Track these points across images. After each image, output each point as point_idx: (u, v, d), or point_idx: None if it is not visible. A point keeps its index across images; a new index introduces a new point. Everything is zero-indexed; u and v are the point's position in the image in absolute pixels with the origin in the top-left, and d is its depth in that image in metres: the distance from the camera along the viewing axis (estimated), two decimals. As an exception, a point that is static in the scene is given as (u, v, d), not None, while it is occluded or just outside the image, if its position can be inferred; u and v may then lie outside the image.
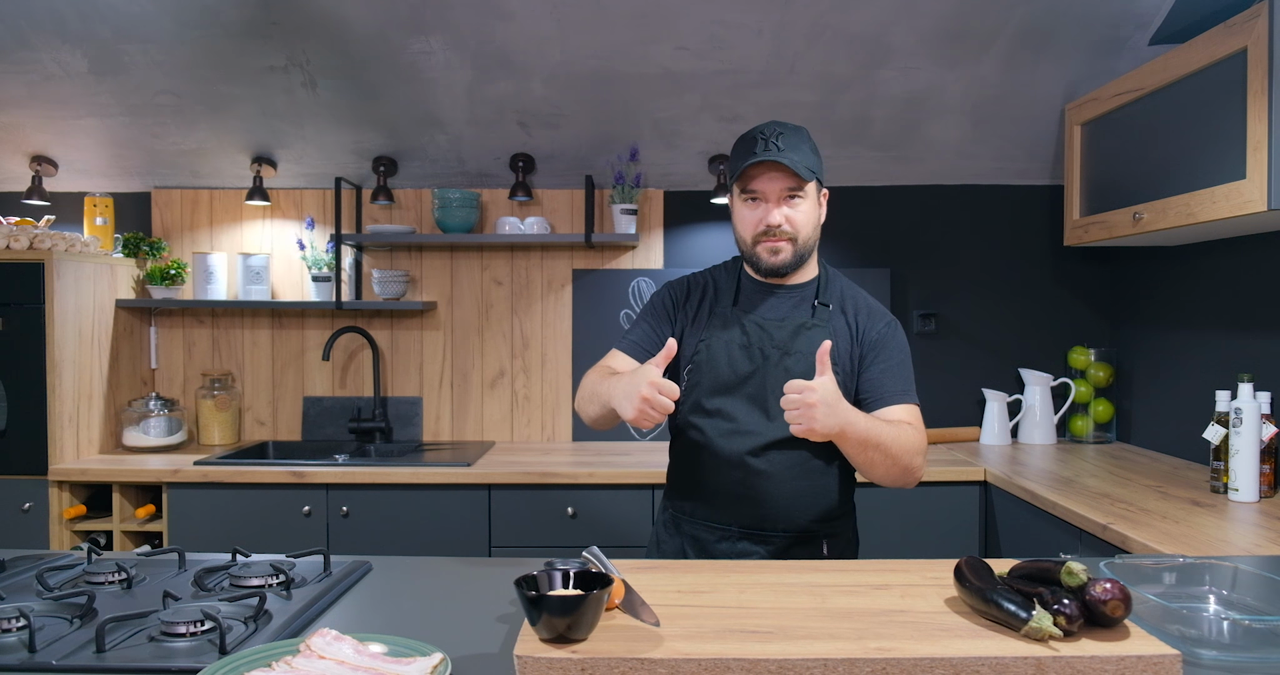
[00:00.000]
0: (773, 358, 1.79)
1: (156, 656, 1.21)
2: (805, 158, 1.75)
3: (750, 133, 1.78)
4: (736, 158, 1.78)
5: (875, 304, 1.89)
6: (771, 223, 1.76)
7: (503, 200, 3.53)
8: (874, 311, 1.86)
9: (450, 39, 2.89)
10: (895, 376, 1.79)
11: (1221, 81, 2.26)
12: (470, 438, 3.57)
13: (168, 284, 3.38)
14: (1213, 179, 2.28)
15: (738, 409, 1.80)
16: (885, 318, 1.86)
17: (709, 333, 1.84)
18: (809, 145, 1.78)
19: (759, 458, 1.78)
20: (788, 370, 1.77)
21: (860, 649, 1.14)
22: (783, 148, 1.72)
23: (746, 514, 1.80)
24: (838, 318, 1.84)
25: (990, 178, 3.49)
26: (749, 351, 1.80)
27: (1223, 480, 2.38)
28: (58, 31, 2.86)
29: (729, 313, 1.85)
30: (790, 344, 1.79)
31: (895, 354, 1.81)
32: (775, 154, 1.71)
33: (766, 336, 1.80)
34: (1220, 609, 1.36)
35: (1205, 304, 2.89)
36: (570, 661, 1.11)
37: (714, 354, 1.82)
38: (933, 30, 2.86)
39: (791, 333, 1.80)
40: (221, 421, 3.45)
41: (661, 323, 1.90)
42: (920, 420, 1.78)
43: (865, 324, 1.83)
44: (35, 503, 2.93)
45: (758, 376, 1.79)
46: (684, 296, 1.92)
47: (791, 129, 1.77)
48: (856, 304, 1.86)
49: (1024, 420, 3.40)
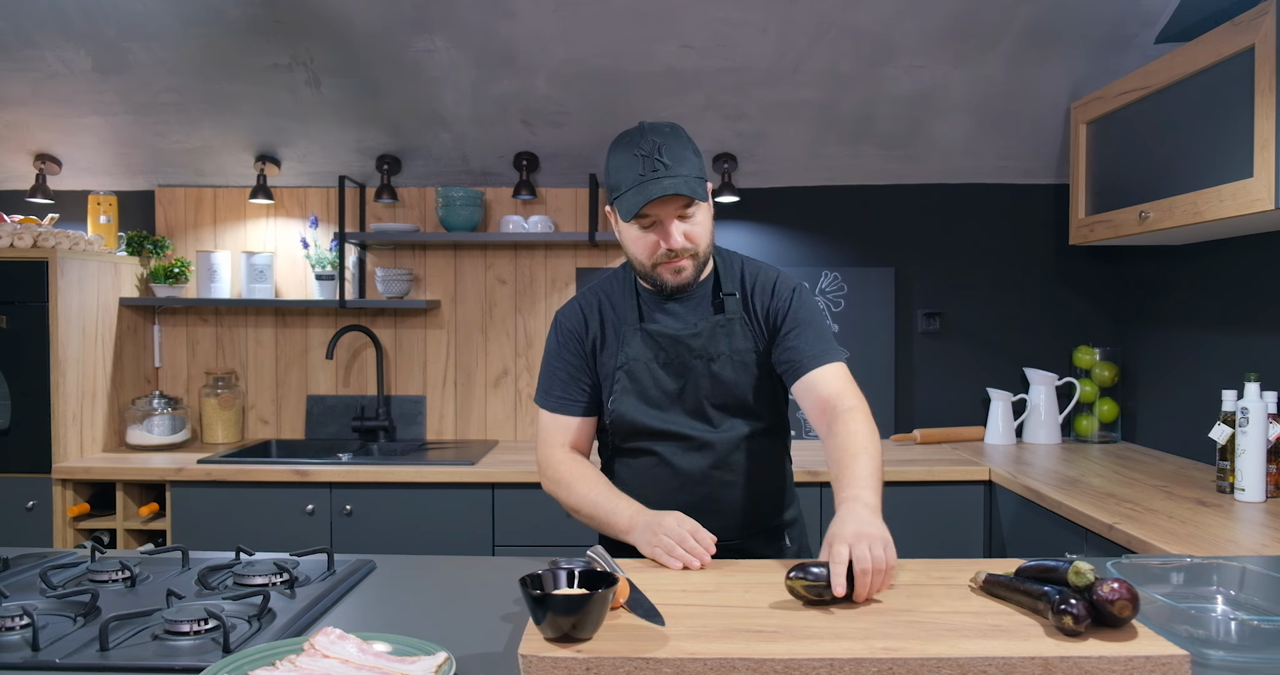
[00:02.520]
0: (697, 368, 1.73)
1: (160, 655, 1.20)
2: (693, 167, 1.62)
3: (627, 148, 1.63)
4: (620, 179, 1.63)
5: (773, 274, 1.79)
6: (673, 247, 1.64)
7: (506, 199, 3.52)
8: (776, 282, 1.77)
9: (454, 37, 2.89)
10: (810, 338, 1.71)
11: (1228, 80, 2.24)
12: (474, 437, 3.56)
13: (171, 282, 3.38)
14: (1219, 177, 2.27)
15: (683, 425, 1.74)
16: (788, 285, 1.77)
17: (623, 355, 1.75)
18: (690, 147, 1.64)
19: (722, 468, 1.75)
20: (715, 376, 1.73)
21: (866, 649, 1.13)
22: (670, 163, 1.59)
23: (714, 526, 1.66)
24: (743, 303, 1.76)
25: (995, 176, 3.48)
26: (671, 367, 1.74)
27: (1229, 480, 2.37)
28: (62, 30, 2.86)
29: (636, 330, 1.75)
30: (711, 349, 1.73)
31: (804, 316, 1.73)
32: (665, 177, 1.58)
33: (684, 347, 1.73)
34: (1228, 609, 1.36)
35: (1211, 303, 2.88)
36: (575, 661, 1.11)
37: (636, 375, 1.74)
38: (938, 28, 2.85)
39: (709, 337, 1.73)
40: (225, 420, 3.45)
41: (573, 364, 1.79)
42: (849, 377, 1.70)
43: (769, 300, 1.75)
44: (39, 501, 2.94)
45: (689, 389, 1.74)
46: (582, 326, 1.80)
47: (668, 133, 1.63)
48: (759, 280, 1.78)
49: (1029, 420, 3.39)
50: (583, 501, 1.71)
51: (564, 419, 1.80)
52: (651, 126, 1.65)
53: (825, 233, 3.50)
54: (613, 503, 1.67)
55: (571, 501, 1.74)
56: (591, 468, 1.78)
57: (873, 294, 3.46)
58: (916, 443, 3.34)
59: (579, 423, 1.81)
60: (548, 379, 1.82)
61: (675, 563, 1.51)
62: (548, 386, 1.81)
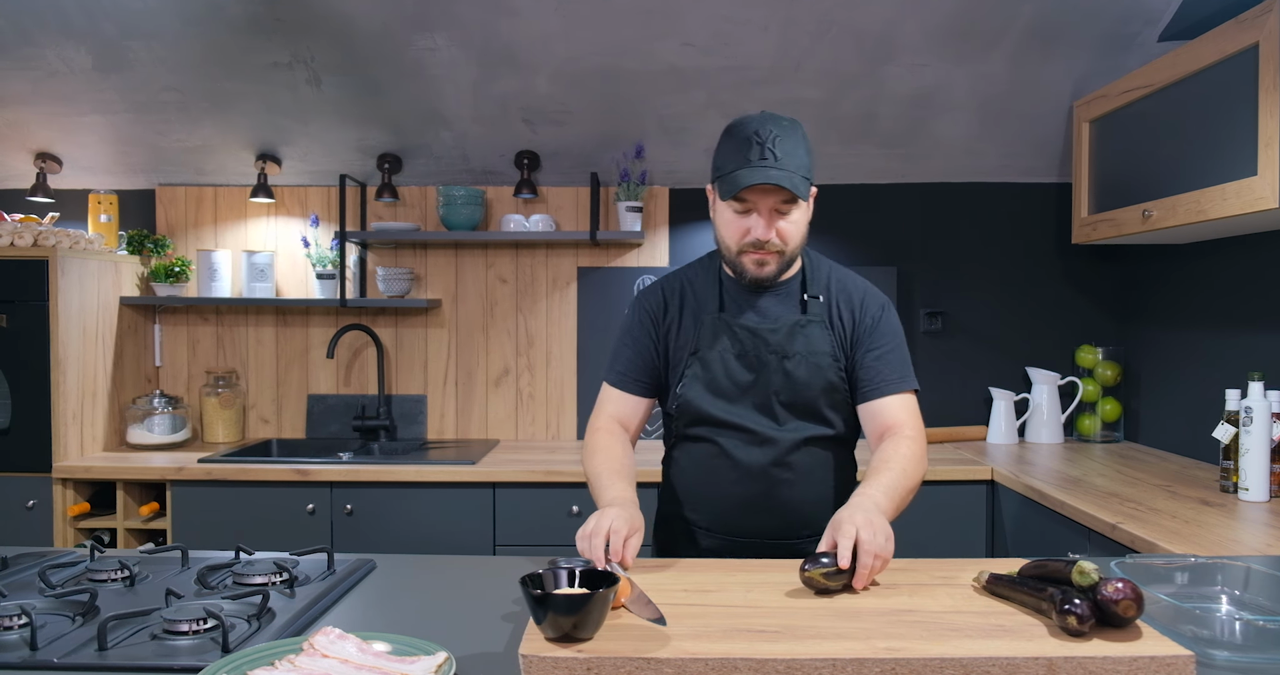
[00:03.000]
0: (771, 363, 1.74)
1: (159, 655, 1.20)
2: (801, 165, 1.63)
3: (743, 130, 1.64)
4: (726, 159, 1.65)
5: (863, 286, 1.81)
6: (761, 238, 1.66)
7: (508, 198, 3.52)
8: (866, 296, 1.79)
9: (455, 36, 2.88)
10: (890, 363, 1.73)
11: (1232, 77, 2.24)
12: (475, 436, 3.56)
13: (172, 281, 3.37)
14: (1223, 176, 2.26)
15: (748, 418, 1.75)
16: (877, 301, 1.79)
17: (699, 343, 1.76)
18: (804, 146, 1.65)
19: (781, 466, 1.75)
20: (788, 374, 1.73)
21: (869, 649, 1.12)
22: (779, 155, 1.60)
23: (771, 525, 1.75)
24: (828, 308, 1.77)
25: (998, 175, 3.47)
26: (745, 360, 1.74)
27: (1233, 479, 2.36)
28: (62, 28, 2.85)
29: (716, 320, 1.76)
30: (787, 346, 1.73)
31: (889, 339, 1.75)
32: (773, 167, 1.60)
33: (761, 342, 1.74)
34: (1233, 609, 1.35)
35: (1215, 302, 2.87)
36: (576, 661, 1.10)
37: (709, 364, 1.76)
38: (940, 27, 2.84)
39: (787, 334, 1.74)
40: (225, 419, 3.45)
41: (643, 344, 1.81)
42: (915, 408, 1.74)
43: (858, 312, 1.76)
44: (39, 500, 2.93)
45: (760, 384, 1.74)
46: (661, 308, 1.82)
47: (787, 127, 1.64)
48: (846, 290, 1.79)
49: (1031, 419, 3.39)
50: (589, 472, 1.71)
51: (619, 394, 1.82)
52: (772, 116, 1.65)
53: (827, 232, 3.49)
54: (604, 482, 1.65)
55: (586, 469, 1.74)
56: (617, 445, 1.77)
57: (875, 293, 3.45)
58: (918, 442, 3.33)
59: (633, 402, 1.82)
60: (615, 354, 1.84)
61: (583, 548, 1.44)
62: (613, 361, 1.84)
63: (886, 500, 1.53)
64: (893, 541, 1.41)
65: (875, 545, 1.38)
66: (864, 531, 1.39)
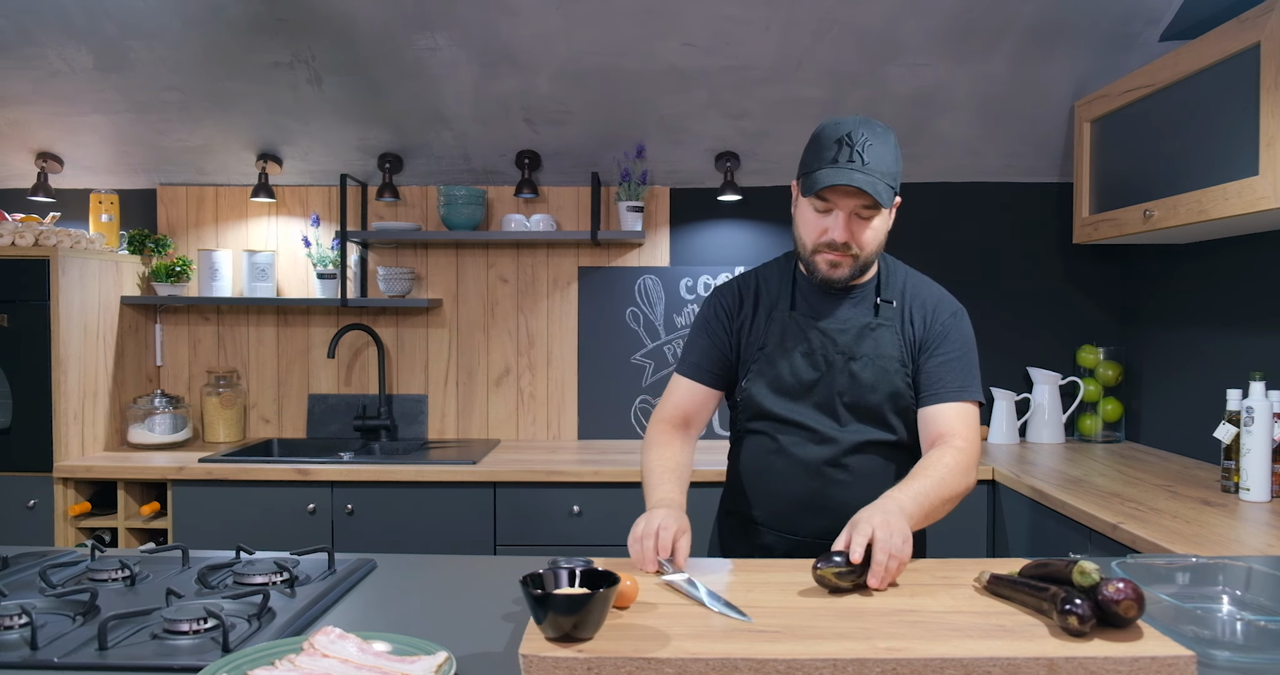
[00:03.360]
0: (837, 364, 1.73)
1: (159, 654, 1.20)
2: (888, 173, 1.61)
3: (835, 131, 1.62)
4: (814, 157, 1.64)
5: (939, 293, 1.81)
6: (838, 239, 1.65)
7: (508, 197, 3.51)
8: (939, 303, 1.78)
9: (456, 35, 2.88)
10: (954, 371, 1.72)
11: (1234, 77, 2.23)
12: (475, 436, 3.56)
13: (173, 281, 3.37)
14: (1225, 176, 2.26)
15: (809, 417, 1.75)
16: (949, 308, 1.78)
17: (767, 339, 1.77)
18: (894, 154, 1.63)
19: (837, 467, 1.74)
20: (853, 375, 1.72)
21: (870, 649, 1.12)
22: (868, 161, 1.59)
23: (825, 525, 1.70)
24: (901, 313, 1.77)
25: (999, 175, 3.47)
26: (812, 358, 1.74)
27: (1234, 480, 2.35)
28: (63, 28, 2.85)
29: (787, 317, 1.77)
30: (855, 348, 1.73)
31: (957, 347, 1.74)
32: (858, 170, 1.58)
33: (829, 342, 1.74)
34: (1234, 609, 1.35)
35: (1216, 302, 2.87)
36: (576, 661, 1.10)
37: (775, 361, 1.76)
38: (941, 26, 2.84)
39: (855, 336, 1.73)
40: (226, 419, 3.45)
41: (717, 336, 1.82)
42: (973, 420, 1.72)
43: (929, 318, 1.76)
44: (40, 500, 2.93)
45: (824, 383, 1.74)
46: (736, 303, 1.83)
47: (880, 134, 1.62)
48: (921, 296, 1.78)
49: (1032, 419, 3.38)
50: (645, 466, 1.74)
51: (689, 385, 1.83)
52: (866, 121, 1.64)
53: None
54: (655, 481, 1.68)
55: (642, 460, 1.78)
56: (677, 441, 1.79)
57: (876, 293, 3.44)
58: (919, 442, 3.33)
59: (703, 393, 1.83)
60: (689, 346, 1.86)
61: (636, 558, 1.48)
62: (686, 353, 1.86)
63: (914, 505, 1.51)
64: (910, 543, 1.40)
65: (891, 545, 1.37)
66: (880, 530, 1.38)
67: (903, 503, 1.50)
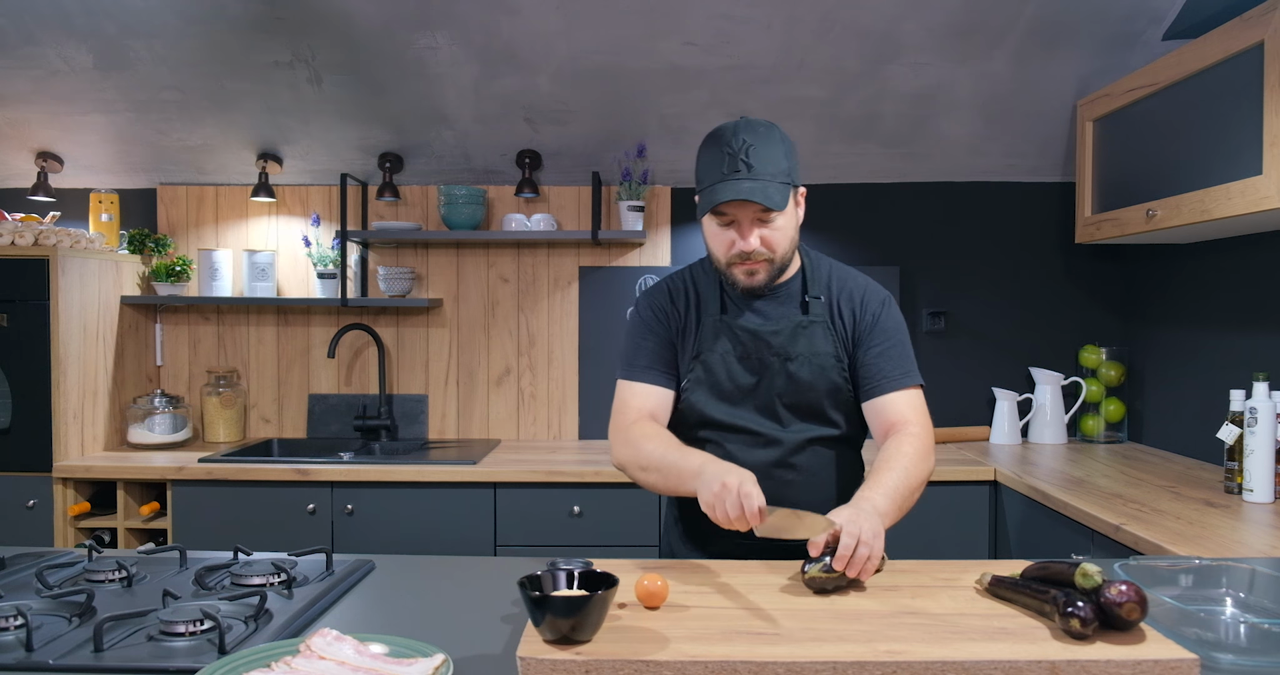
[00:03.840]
0: (773, 365, 1.73)
1: (155, 656, 1.19)
2: (778, 172, 1.60)
3: (718, 141, 1.63)
4: (704, 172, 1.64)
5: (864, 282, 1.80)
6: (747, 249, 1.64)
7: (509, 197, 3.51)
8: (865, 293, 1.77)
9: (456, 34, 2.87)
10: (893, 359, 1.72)
11: (1237, 76, 2.22)
12: (476, 436, 3.55)
13: (173, 281, 3.37)
14: (1228, 175, 2.25)
15: (751, 421, 1.75)
16: (877, 297, 1.77)
17: (701, 344, 1.76)
18: (781, 149, 1.62)
19: (785, 467, 1.74)
20: (791, 376, 1.72)
21: (870, 651, 1.11)
22: (755, 165, 1.58)
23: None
24: (830, 308, 1.76)
25: (1001, 174, 3.46)
26: (748, 362, 1.74)
27: (1237, 481, 2.34)
28: (63, 27, 2.85)
29: (719, 322, 1.75)
30: (790, 348, 1.73)
31: (891, 335, 1.74)
32: (746, 179, 1.58)
33: (763, 344, 1.73)
34: (1238, 612, 1.34)
35: (1219, 302, 2.86)
36: (574, 663, 1.09)
37: (712, 367, 1.75)
38: (943, 25, 2.83)
39: (788, 337, 1.73)
40: (226, 419, 3.44)
41: (661, 337, 1.79)
42: (920, 404, 1.72)
43: (859, 310, 1.75)
44: (39, 500, 2.93)
45: (763, 387, 1.74)
46: (668, 304, 1.80)
47: (762, 134, 1.61)
48: (847, 288, 1.77)
49: (1034, 419, 3.37)
50: (651, 456, 1.65)
51: (644, 388, 1.76)
52: (747, 124, 1.63)
53: (829, 231, 3.48)
54: (683, 451, 1.62)
55: (640, 460, 1.68)
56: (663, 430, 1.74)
57: (877, 293, 3.43)
58: (921, 442, 3.32)
59: (659, 393, 1.77)
60: (633, 351, 1.79)
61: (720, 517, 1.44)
62: (632, 358, 1.79)
63: (887, 502, 1.52)
64: (881, 539, 1.41)
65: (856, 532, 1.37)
66: (849, 524, 1.39)
67: (877, 503, 1.50)
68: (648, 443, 1.68)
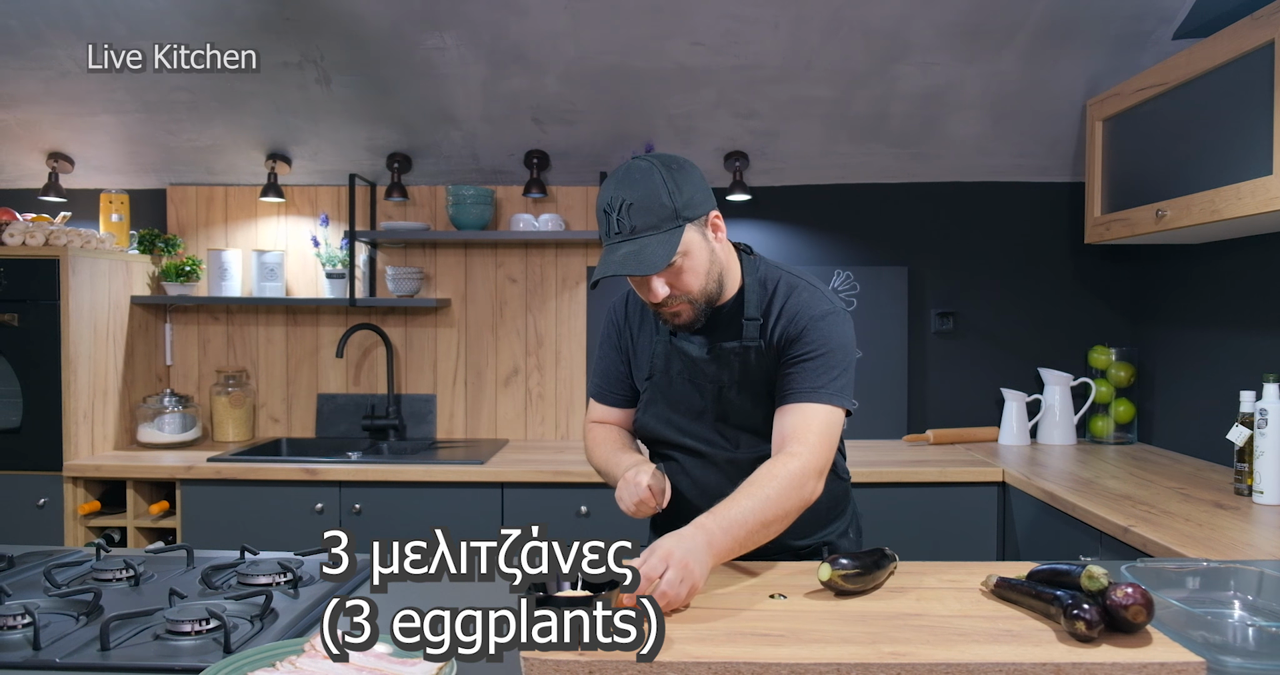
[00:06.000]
0: (712, 392, 1.69)
1: (161, 655, 1.20)
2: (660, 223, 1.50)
3: (601, 199, 1.54)
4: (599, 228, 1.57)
5: (808, 299, 1.64)
6: (653, 302, 1.57)
7: (517, 197, 3.51)
8: (801, 308, 1.63)
9: (464, 35, 2.88)
10: (807, 372, 1.58)
11: (1247, 75, 2.21)
12: (484, 435, 3.56)
13: (183, 280, 3.38)
14: (1238, 175, 2.24)
15: (703, 441, 1.72)
16: (811, 313, 1.62)
17: (653, 365, 1.73)
18: (665, 189, 1.50)
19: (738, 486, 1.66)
20: (731, 402, 1.68)
21: (874, 653, 1.11)
22: (634, 224, 1.49)
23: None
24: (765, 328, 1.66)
25: (1010, 174, 3.44)
26: (695, 384, 1.70)
27: (1247, 482, 2.33)
28: (74, 28, 2.86)
29: (668, 345, 1.70)
30: (722, 375, 1.67)
31: (814, 348, 1.60)
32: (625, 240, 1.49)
33: (700, 371, 1.68)
34: (1245, 615, 1.33)
35: (1229, 302, 2.84)
36: (577, 664, 1.09)
37: (664, 389, 1.73)
38: (952, 25, 2.82)
39: (722, 363, 1.66)
40: (236, 418, 3.45)
41: (611, 358, 1.81)
42: (824, 425, 1.56)
43: (789, 325, 1.63)
44: (50, 498, 2.94)
45: (710, 410, 1.70)
46: (624, 321, 1.80)
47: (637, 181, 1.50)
48: (791, 305, 1.65)
49: (1043, 420, 3.36)
50: (598, 465, 1.79)
51: (602, 408, 1.86)
52: (623, 174, 1.53)
53: (838, 231, 3.47)
54: (618, 457, 1.72)
55: (593, 465, 1.82)
56: (614, 432, 1.83)
57: (885, 293, 3.43)
58: (929, 443, 3.31)
59: (616, 413, 1.85)
60: (595, 367, 1.88)
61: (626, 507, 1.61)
62: (595, 377, 1.87)
63: (725, 537, 1.40)
64: (688, 585, 1.30)
65: (670, 587, 1.28)
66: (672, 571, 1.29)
67: (712, 533, 1.40)
68: (595, 449, 1.81)
